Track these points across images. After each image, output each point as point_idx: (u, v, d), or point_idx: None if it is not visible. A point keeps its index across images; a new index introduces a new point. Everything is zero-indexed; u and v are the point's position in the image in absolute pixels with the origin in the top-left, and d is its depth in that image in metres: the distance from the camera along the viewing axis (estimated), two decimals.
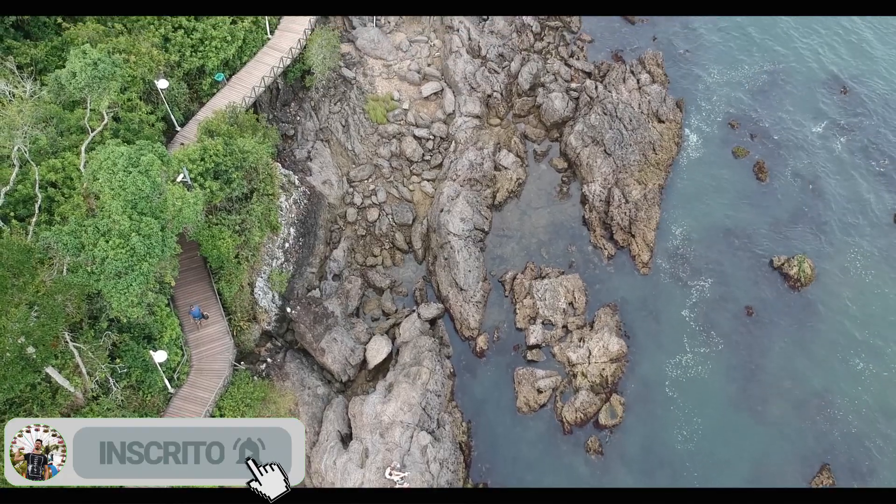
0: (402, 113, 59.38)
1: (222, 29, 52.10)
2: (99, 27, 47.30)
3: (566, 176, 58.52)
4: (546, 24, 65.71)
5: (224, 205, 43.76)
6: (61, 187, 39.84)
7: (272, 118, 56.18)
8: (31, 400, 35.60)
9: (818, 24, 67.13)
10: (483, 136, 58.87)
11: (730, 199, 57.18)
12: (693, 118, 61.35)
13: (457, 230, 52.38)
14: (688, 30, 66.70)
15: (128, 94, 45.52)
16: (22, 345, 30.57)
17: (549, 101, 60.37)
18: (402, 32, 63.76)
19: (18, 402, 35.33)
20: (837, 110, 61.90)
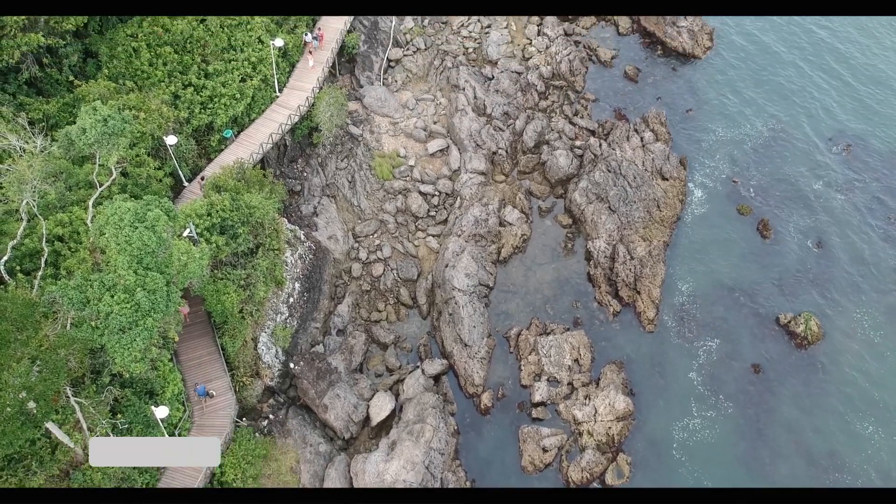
0: (408, 169, 59.89)
1: (232, 87, 52.96)
2: (110, 84, 48.14)
3: (571, 232, 58.66)
4: (550, 84, 66.63)
5: (230, 259, 43.87)
6: (68, 241, 40.06)
7: (279, 174, 56.70)
8: (30, 456, 35.19)
9: (821, 80, 67.88)
10: (488, 192, 59.22)
11: (735, 256, 57.14)
12: (697, 176, 61.70)
13: (461, 286, 52.33)
14: (690, 89, 67.53)
15: (136, 149, 46.07)
16: (23, 400, 30.36)
17: (554, 159, 60.86)
18: (409, 91, 64.69)
19: (17, 458, 34.92)
20: (840, 168, 62.22)
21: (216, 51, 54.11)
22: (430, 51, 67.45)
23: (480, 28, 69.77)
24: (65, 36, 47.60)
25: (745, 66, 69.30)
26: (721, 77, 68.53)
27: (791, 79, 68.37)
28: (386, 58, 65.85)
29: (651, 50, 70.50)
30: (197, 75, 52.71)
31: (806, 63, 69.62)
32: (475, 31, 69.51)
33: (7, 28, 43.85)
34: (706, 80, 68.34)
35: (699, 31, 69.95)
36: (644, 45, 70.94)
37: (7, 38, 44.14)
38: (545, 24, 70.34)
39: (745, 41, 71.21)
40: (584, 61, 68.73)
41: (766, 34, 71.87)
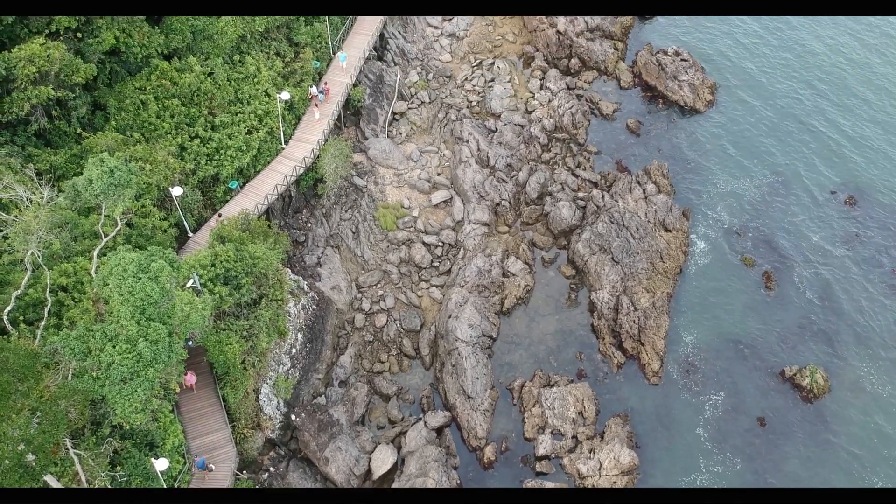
0: (412, 220, 60.20)
1: (238, 139, 53.64)
2: (118, 136, 48.78)
3: (574, 283, 58.64)
4: (553, 136, 67.32)
5: (232, 310, 43.87)
6: (72, 291, 40.13)
7: (284, 224, 57.04)
8: None
9: (824, 133, 68.39)
10: (491, 243, 59.40)
11: (739, 307, 56.97)
12: (700, 227, 61.88)
13: (465, 336, 52.14)
14: (692, 141, 68.10)
15: (142, 200, 46.46)
16: (21, 452, 30.08)
17: (557, 210, 61.16)
18: (413, 143, 65.39)
19: None
20: (843, 220, 62.36)
21: (223, 103, 54.93)
22: (435, 104, 68.35)
23: (484, 82, 70.78)
24: (74, 89, 48.39)
25: (746, 119, 69.99)
26: (722, 130, 69.16)
27: (793, 132, 68.93)
28: (391, 111, 66.71)
29: (652, 103, 71.33)
30: (204, 127, 53.43)
31: (809, 116, 70.25)
32: (479, 85, 70.49)
33: (18, 81, 44.64)
34: (708, 133, 68.96)
35: (700, 85, 70.85)
36: (645, 98, 71.80)
37: (18, 90, 44.90)
38: (548, 78, 71.36)
39: (747, 94, 72.02)
40: (587, 114, 69.53)
41: (768, 88, 72.70)
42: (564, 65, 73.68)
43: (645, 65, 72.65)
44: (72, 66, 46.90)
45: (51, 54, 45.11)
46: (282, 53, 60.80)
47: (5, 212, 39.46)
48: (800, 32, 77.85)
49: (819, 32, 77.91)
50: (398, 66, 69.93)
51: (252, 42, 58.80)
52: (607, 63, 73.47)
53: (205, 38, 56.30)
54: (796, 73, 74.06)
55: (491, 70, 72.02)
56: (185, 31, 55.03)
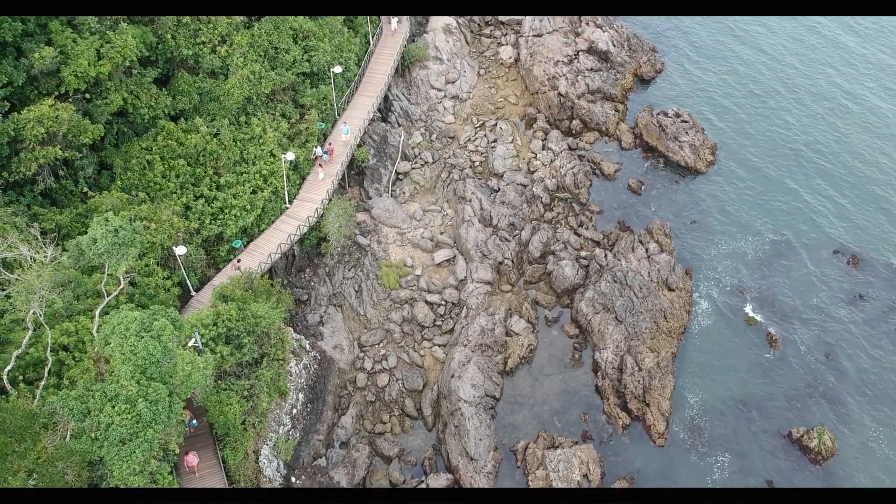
0: (415, 279, 60.20)
1: (242, 198, 54.04)
2: (123, 196, 49.19)
3: (578, 342, 58.29)
4: (555, 196, 67.75)
5: (234, 370, 43.57)
6: (73, 351, 39.95)
7: (286, 283, 57.05)
8: None
9: (826, 193, 68.70)
10: (494, 301, 59.27)
11: (744, 368, 56.49)
12: (702, 286, 61.75)
13: (467, 397, 51.63)
14: (693, 201, 68.43)
15: (146, 259, 46.60)
16: None
17: (560, 269, 61.17)
18: (417, 202, 65.80)
19: None
20: (847, 280, 62.23)
21: (228, 163, 55.52)
22: (438, 164, 69.00)
23: (486, 142, 71.57)
24: (81, 149, 49.00)
25: (747, 179, 70.45)
26: (724, 190, 69.58)
27: (795, 191, 69.29)
28: (394, 170, 67.33)
29: (653, 164, 71.93)
30: (209, 187, 53.90)
31: (810, 177, 70.68)
32: (481, 146, 71.25)
33: (26, 141, 45.24)
34: (709, 193, 69.36)
35: (701, 146, 71.53)
36: (646, 158, 72.44)
37: (26, 150, 45.47)
38: (549, 138, 72.14)
39: (748, 155, 72.63)
40: (588, 174, 70.08)
41: (769, 148, 73.30)
42: (566, 126, 74.56)
43: (646, 126, 73.49)
44: (79, 127, 47.59)
45: (59, 115, 45.83)
46: (287, 115, 61.67)
47: (9, 271, 39.54)
48: (801, 94, 78.85)
49: (821, 92, 78.89)
50: (402, 127, 70.83)
51: (258, 104, 59.70)
52: (608, 124, 74.36)
53: (211, 99, 57.22)
54: (798, 135, 74.77)
55: (493, 131, 72.87)
56: (193, 92, 55.97)
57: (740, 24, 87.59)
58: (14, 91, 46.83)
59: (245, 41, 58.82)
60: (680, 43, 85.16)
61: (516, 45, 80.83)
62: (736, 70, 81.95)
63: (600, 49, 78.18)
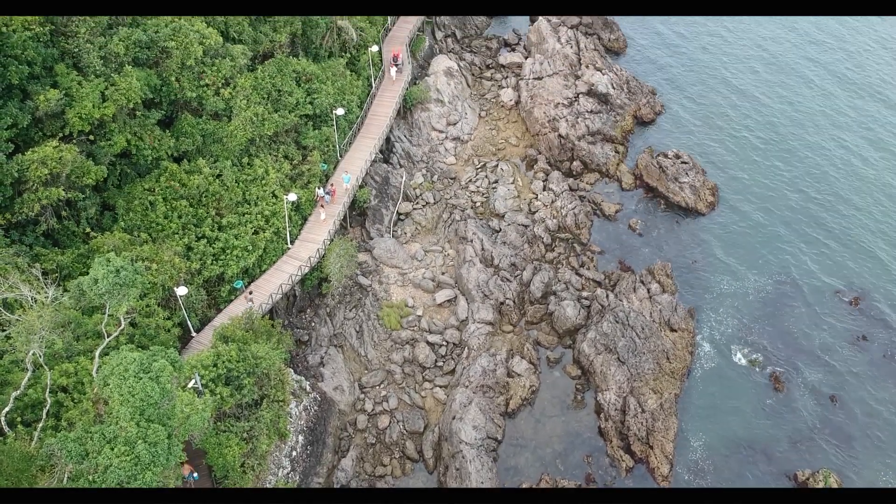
0: (416, 319, 60.04)
1: (244, 239, 54.12)
2: (125, 236, 49.26)
3: (580, 384, 57.90)
4: (556, 236, 67.87)
5: (233, 411, 43.25)
6: (72, 392, 39.71)
7: (287, 324, 56.89)
8: None
9: (829, 233, 68.79)
10: (496, 342, 59.03)
11: (748, 409, 56.01)
12: (705, 327, 61.53)
13: (469, 439, 51.12)
14: (695, 242, 68.48)
15: (147, 300, 46.49)
16: None
17: (561, 309, 61.01)
18: (418, 243, 65.91)
19: None
20: (849, 321, 61.99)
21: (231, 204, 55.72)
22: (439, 204, 69.25)
23: (487, 183, 71.93)
24: (84, 190, 49.24)
25: (749, 220, 70.59)
26: (725, 231, 69.69)
27: (797, 232, 69.37)
28: (396, 211, 67.57)
29: (654, 204, 72.15)
30: (211, 228, 54.02)
31: (812, 217, 70.83)
32: (482, 186, 71.60)
33: (30, 182, 45.48)
34: (710, 234, 69.45)
35: (701, 187, 71.83)
36: (647, 199, 72.68)
37: (29, 191, 45.68)
38: (550, 179, 72.50)
39: (749, 196, 72.88)
40: (589, 215, 70.28)
41: (770, 189, 73.56)
42: (566, 167, 74.99)
43: (646, 167, 73.89)
44: (83, 168, 47.87)
45: (63, 156, 46.13)
46: (290, 156, 62.08)
47: (9, 311, 39.45)
48: (805, 130, 79.37)
49: (821, 132, 79.42)
50: (404, 168, 71.25)
51: (261, 145, 60.12)
52: (609, 165, 74.77)
53: (214, 141, 57.65)
54: (798, 176, 75.11)
55: (494, 172, 73.27)
56: (196, 134, 56.41)
57: (736, 68, 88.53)
58: (19, 133, 47.22)
59: (248, 84, 59.46)
60: (678, 85, 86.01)
61: (517, 87, 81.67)
62: (734, 113, 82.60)
63: (600, 91, 78.96)
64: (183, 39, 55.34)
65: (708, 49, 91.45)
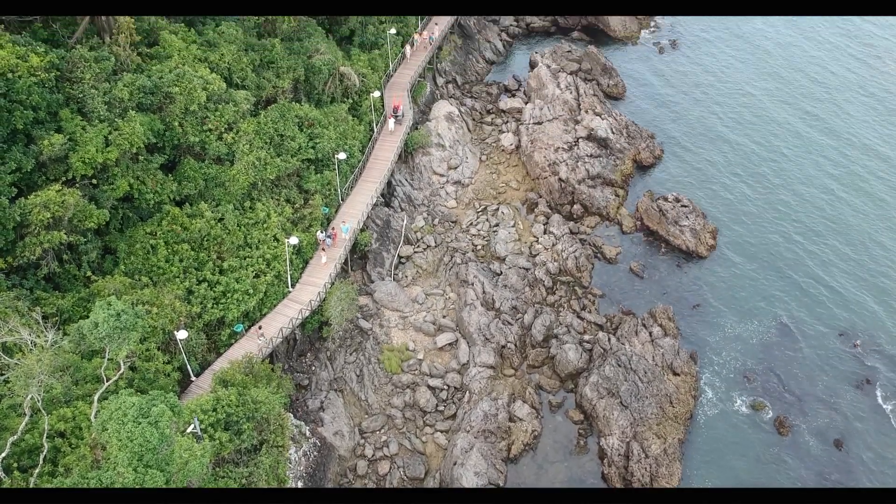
0: (417, 363, 59.72)
1: (245, 282, 54.12)
2: (126, 280, 49.27)
3: (582, 428, 57.33)
4: (558, 279, 67.83)
5: (232, 456, 42.76)
6: (69, 437, 39.34)
7: (287, 368, 56.57)
8: None
9: (831, 275, 68.73)
10: (497, 386, 58.61)
11: (753, 455, 55.35)
12: (707, 371, 61.13)
13: (471, 485, 50.44)
14: (696, 285, 68.41)
15: (147, 344, 46.34)
16: None
17: (563, 353, 60.69)
18: (419, 286, 65.85)
19: None
20: (853, 364, 61.62)
21: (232, 248, 55.82)
22: (440, 248, 69.36)
23: (488, 226, 72.13)
24: (86, 233, 49.39)
25: (750, 263, 70.58)
26: (726, 274, 69.64)
27: (799, 274, 69.24)
28: (397, 254, 67.65)
29: (654, 248, 72.22)
30: (212, 271, 54.05)
31: (813, 260, 70.78)
32: (483, 230, 71.78)
33: (32, 226, 45.63)
34: (711, 277, 69.39)
35: (701, 230, 71.97)
36: (647, 243, 72.77)
37: (31, 235, 45.81)
38: (551, 222, 72.72)
39: (750, 239, 72.96)
40: (590, 258, 70.32)
41: (771, 231, 73.64)
42: (567, 210, 75.27)
43: (646, 210, 74.14)
44: (85, 212, 48.08)
45: (65, 200, 46.39)
46: (292, 200, 62.39)
47: (9, 355, 39.27)
48: (805, 168, 79.74)
49: (821, 171, 79.80)
50: (405, 212, 71.53)
51: (263, 189, 60.45)
52: (609, 209, 75.04)
53: (217, 185, 57.98)
54: (798, 218, 75.27)
55: (495, 215, 73.53)
56: (198, 178, 56.76)
57: (729, 116, 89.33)
58: (22, 177, 47.53)
59: (251, 128, 60.02)
60: (677, 130, 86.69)
61: (517, 132, 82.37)
62: (731, 157, 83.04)
63: (599, 136, 79.60)
64: (186, 85, 56.03)
65: (704, 95, 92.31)
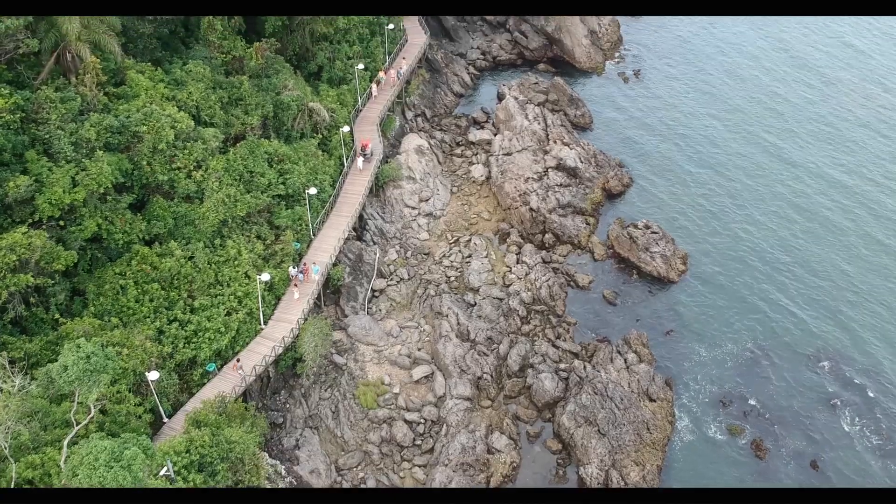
0: (393, 397, 59.26)
1: (217, 321, 53.57)
2: (95, 321, 48.54)
3: (561, 458, 57.14)
4: (532, 309, 67.95)
5: None
6: (38, 484, 38.33)
7: (261, 406, 55.86)
8: None
9: (800, 297, 69.52)
10: (474, 418, 58.28)
11: (731, 478, 55.44)
12: (683, 396, 61.36)
13: None
14: (669, 310, 68.88)
15: (117, 386, 45.57)
16: None
17: (539, 382, 60.61)
18: (393, 319, 65.58)
19: None
20: (825, 385, 62.22)
21: (203, 286, 55.29)
22: (414, 280, 69.27)
23: (461, 258, 72.22)
24: (54, 275, 48.64)
25: (721, 287, 71.25)
26: (698, 298, 70.24)
27: (769, 298, 69.98)
28: (370, 288, 67.40)
29: (627, 275, 72.73)
30: (183, 311, 53.45)
31: (784, 282, 71.58)
32: (456, 261, 71.84)
33: None
34: (683, 302, 69.95)
35: (672, 256, 72.64)
36: (619, 270, 73.28)
37: None
38: (523, 252, 73.04)
39: (719, 263, 73.72)
40: (563, 287, 70.62)
41: (740, 256, 74.47)
42: (539, 240, 75.65)
43: (617, 238, 74.75)
44: (52, 254, 47.44)
45: (32, 242, 45.74)
46: (262, 236, 62.06)
47: None
48: (764, 196, 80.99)
49: (779, 198, 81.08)
50: (377, 245, 71.43)
51: (233, 226, 60.11)
52: (580, 237, 75.57)
53: (186, 223, 57.56)
54: (765, 242, 76.25)
55: (468, 246, 73.70)
56: (167, 217, 56.34)
57: (696, 141, 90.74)
58: None
59: (220, 166, 59.81)
60: (644, 158, 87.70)
61: (487, 163, 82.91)
62: (698, 183, 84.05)
63: (569, 165, 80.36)
64: (154, 124, 55.81)
65: (668, 122, 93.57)
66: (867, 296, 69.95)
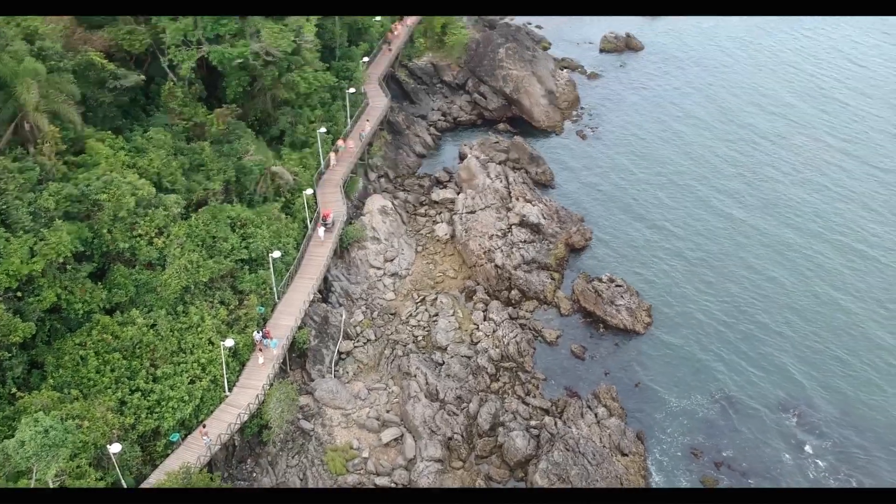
0: (362, 462, 58.21)
1: (180, 389, 52.56)
2: (54, 394, 47.36)
3: None
4: (500, 366, 67.71)
5: None
6: None
7: (227, 476, 54.47)
8: None
9: (765, 347, 70.14)
10: (446, 480, 57.39)
11: None
12: (655, 449, 61.13)
13: None
14: (637, 363, 69.05)
15: (77, 460, 44.20)
16: None
17: (511, 440, 60.02)
18: (361, 381, 64.81)
19: None
20: (795, 434, 62.45)
21: (165, 354, 54.37)
22: (381, 341, 68.76)
23: (428, 317, 71.97)
24: (11, 348, 47.48)
25: (687, 338, 71.72)
26: (664, 350, 70.60)
27: (736, 347, 70.55)
28: (336, 350, 66.73)
29: (593, 328, 73.01)
30: (145, 380, 52.42)
31: (751, 332, 72.27)
32: (423, 320, 71.56)
33: None
34: (651, 354, 70.24)
35: (637, 309, 73.19)
36: (586, 324, 73.57)
37: None
38: (490, 309, 73.09)
39: (684, 315, 74.35)
40: (531, 342, 70.61)
41: (706, 307, 75.21)
42: (505, 296, 75.84)
43: (582, 292, 75.22)
44: (10, 326, 46.41)
45: None
46: (226, 301, 61.35)
47: None
48: (724, 245, 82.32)
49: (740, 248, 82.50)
50: (343, 307, 70.96)
51: (196, 292, 59.40)
52: (546, 292, 75.92)
53: (148, 290, 56.80)
54: (726, 293, 77.26)
55: (434, 305, 73.54)
56: (129, 285, 55.57)
57: (652, 192, 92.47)
58: None
59: (182, 232, 59.38)
60: (605, 213, 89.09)
61: (451, 221, 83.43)
62: (658, 235, 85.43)
63: (532, 222, 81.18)
64: (115, 191, 55.46)
65: (627, 177, 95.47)
66: (830, 344, 70.85)
